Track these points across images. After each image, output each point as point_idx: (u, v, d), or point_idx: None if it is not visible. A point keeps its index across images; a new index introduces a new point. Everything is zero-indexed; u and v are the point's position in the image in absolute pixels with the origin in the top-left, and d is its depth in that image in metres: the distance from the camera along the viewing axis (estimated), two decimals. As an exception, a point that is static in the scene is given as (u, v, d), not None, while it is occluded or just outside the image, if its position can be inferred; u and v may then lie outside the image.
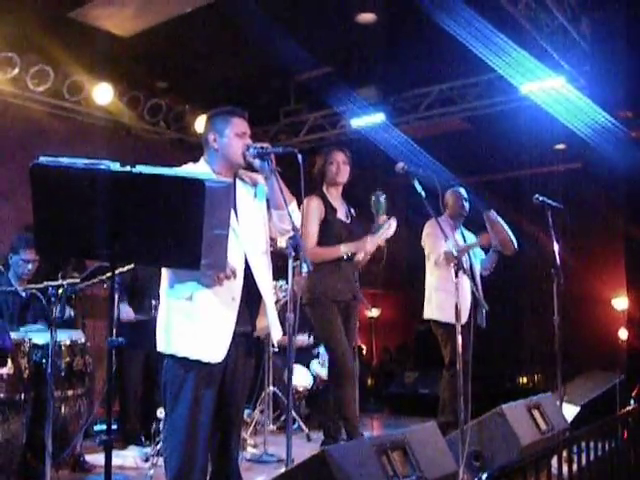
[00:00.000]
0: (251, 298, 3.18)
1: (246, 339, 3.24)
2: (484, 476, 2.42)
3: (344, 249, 4.46)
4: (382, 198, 4.50)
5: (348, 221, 4.66)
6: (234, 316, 3.07)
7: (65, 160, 2.36)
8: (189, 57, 7.37)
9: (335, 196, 4.66)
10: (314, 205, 4.49)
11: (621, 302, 8.71)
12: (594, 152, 7.18)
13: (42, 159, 2.35)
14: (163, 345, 3.12)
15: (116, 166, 2.35)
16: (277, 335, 3.31)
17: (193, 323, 3.04)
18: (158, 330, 3.16)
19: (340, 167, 4.62)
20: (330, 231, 4.52)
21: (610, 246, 8.64)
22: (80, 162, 2.36)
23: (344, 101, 8.34)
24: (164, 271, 3.18)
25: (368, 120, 8.40)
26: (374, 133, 8.28)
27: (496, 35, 6.26)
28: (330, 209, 4.55)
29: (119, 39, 6.91)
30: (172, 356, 3.09)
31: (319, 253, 4.44)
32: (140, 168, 2.37)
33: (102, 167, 2.34)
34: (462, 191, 5.56)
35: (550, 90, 7.01)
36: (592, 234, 8.88)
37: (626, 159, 6.95)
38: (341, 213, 4.64)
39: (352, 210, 4.78)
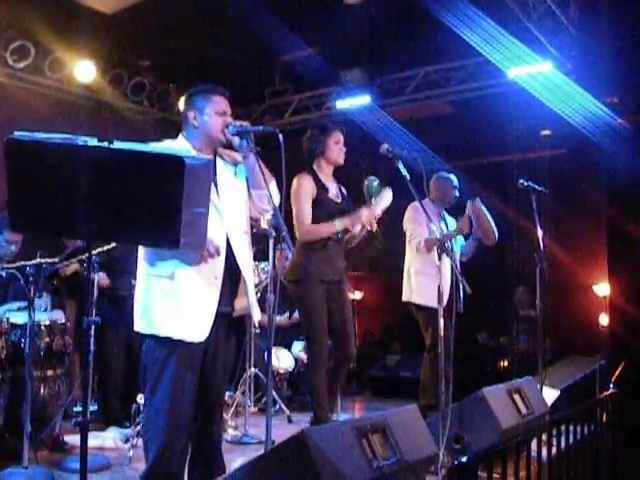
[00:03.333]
0: (231, 278, 3.14)
1: (226, 320, 3.20)
2: (464, 459, 2.41)
3: (338, 224, 4.37)
4: (375, 182, 4.47)
5: (339, 200, 4.57)
6: (217, 295, 3.04)
7: (41, 135, 2.31)
8: (173, 35, 7.26)
9: (327, 174, 4.57)
10: (306, 184, 4.42)
11: (602, 288, 8.75)
12: (579, 138, 7.18)
13: (17, 134, 2.30)
14: (142, 325, 3.07)
15: (93, 141, 2.30)
16: (257, 316, 3.29)
17: (175, 302, 2.99)
18: (136, 310, 3.11)
19: (342, 148, 4.55)
20: (322, 210, 4.43)
21: (593, 232, 8.65)
22: (56, 137, 2.31)
23: (330, 82, 8.30)
24: (142, 249, 3.12)
25: (354, 102, 8.34)
26: (360, 115, 8.23)
27: (483, 19, 6.23)
28: (322, 188, 4.47)
29: (102, 16, 6.80)
30: (153, 337, 3.04)
31: (315, 230, 4.38)
32: (118, 144, 2.32)
33: (79, 142, 2.29)
34: (453, 179, 5.49)
35: (537, 75, 6.98)
36: (575, 220, 8.88)
37: (611, 145, 6.95)
38: (332, 192, 4.55)
39: (343, 189, 4.69)
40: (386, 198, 4.45)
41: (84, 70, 7.45)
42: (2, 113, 6.91)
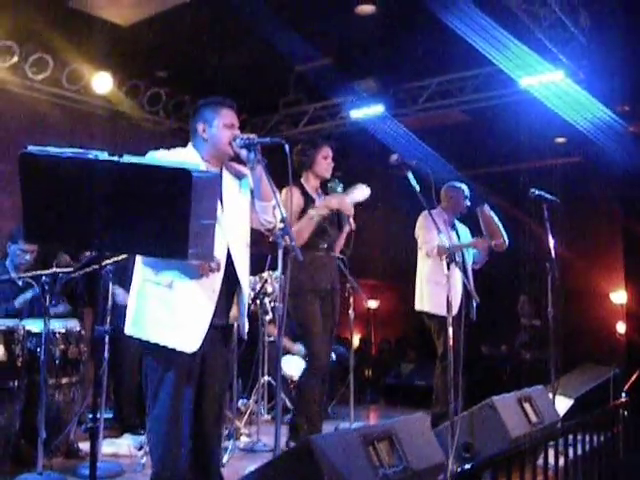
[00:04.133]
0: (229, 289, 3.19)
1: (223, 331, 3.25)
2: (468, 466, 2.44)
3: (313, 211, 4.42)
4: (339, 187, 4.54)
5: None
6: (212, 308, 3.08)
7: (53, 149, 2.37)
8: (189, 47, 7.36)
9: (314, 187, 4.66)
10: (294, 196, 4.48)
11: (619, 296, 8.73)
12: (594, 146, 7.18)
13: (30, 148, 2.37)
14: (133, 329, 3.13)
15: (104, 155, 2.36)
16: (244, 329, 3.30)
17: (170, 311, 3.04)
18: (128, 312, 3.17)
19: (330, 163, 4.64)
20: None
21: (609, 240, 8.64)
22: (68, 151, 2.37)
23: (344, 92, 8.35)
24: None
25: (367, 111, 8.41)
26: (373, 124, 8.29)
27: (495, 28, 6.25)
28: (309, 200, 4.55)
29: (119, 28, 6.91)
30: (147, 343, 3.09)
31: (298, 230, 4.38)
32: (127, 158, 2.38)
33: (90, 156, 2.35)
34: (464, 188, 5.53)
35: (549, 84, 7.00)
36: (591, 228, 8.89)
37: (625, 153, 6.95)
38: (319, 204, 4.61)
39: None
40: (360, 191, 4.53)
41: (101, 81, 7.58)
42: (21, 124, 7.05)
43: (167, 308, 3.04)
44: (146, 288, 3.11)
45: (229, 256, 3.14)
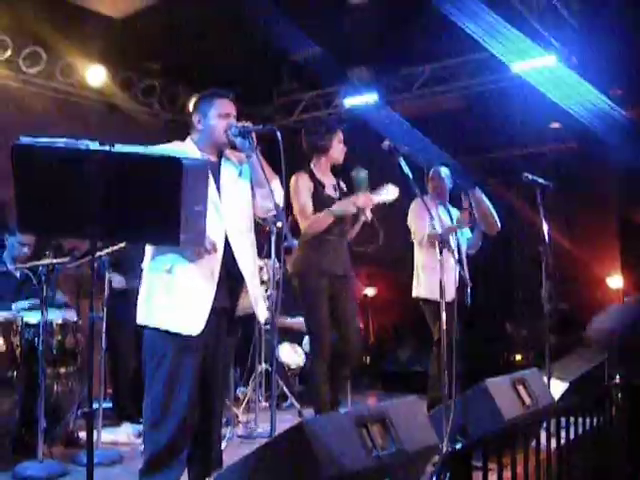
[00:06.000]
0: (232, 276, 3.23)
1: (227, 316, 3.29)
2: (458, 446, 2.47)
3: (336, 208, 4.37)
4: (363, 173, 4.50)
5: (337, 196, 4.57)
6: (213, 290, 3.12)
7: (45, 139, 2.40)
8: (182, 38, 7.35)
9: (325, 171, 4.59)
10: (303, 180, 4.48)
11: (616, 281, 8.75)
12: (589, 131, 7.18)
13: (23, 139, 2.40)
14: (143, 317, 3.18)
15: (95, 145, 2.39)
16: (262, 314, 3.36)
17: (172, 296, 3.10)
18: (139, 302, 3.22)
19: (344, 148, 4.59)
20: (319, 206, 4.44)
21: (605, 225, 8.65)
22: (60, 141, 2.40)
23: (337, 81, 8.37)
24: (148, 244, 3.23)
25: (361, 99, 8.43)
26: (367, 112, 8.30)
27: (487, 13, 6.25)
28: (318, 185, 4.51)
29: (111, 20, 6.92)
30: (151, 329, 3.14)
31: (318, 220, 4.37)
32: (119, 147, 2.41)
33: (81, 146, 2.38)
34: (443, 169, 5.56)
35: (542, 69, 7.00)
36: (587, 213, 8.88)
37: (620, 137, 6.96)
38: (329, 189, 4.56)
39: (342, 184, 4.69)
40: (391, 192, 4.50)
41: (95, 74, 7.59)
42: (15, 118, 7.05)
43: (168, 293, 3.11)
44: (151, 275, 3.19)
45: (227, 242, 3.19)
